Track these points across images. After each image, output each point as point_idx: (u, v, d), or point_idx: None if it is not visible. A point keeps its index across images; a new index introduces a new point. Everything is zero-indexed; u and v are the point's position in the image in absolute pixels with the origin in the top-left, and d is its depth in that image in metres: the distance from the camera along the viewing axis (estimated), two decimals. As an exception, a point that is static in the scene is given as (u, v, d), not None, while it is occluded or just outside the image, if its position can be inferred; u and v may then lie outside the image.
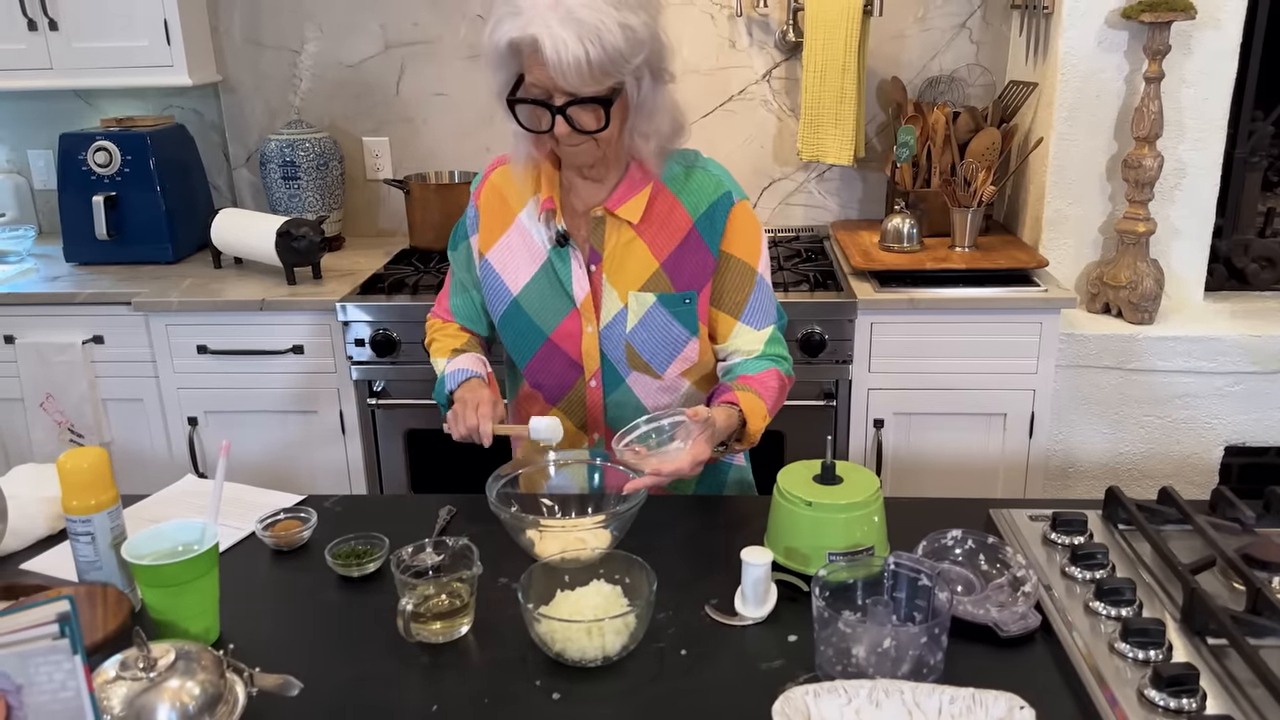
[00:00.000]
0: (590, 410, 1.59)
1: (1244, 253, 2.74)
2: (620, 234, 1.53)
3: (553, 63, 1.31)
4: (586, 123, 1.39)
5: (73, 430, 2.70)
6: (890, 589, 1.16)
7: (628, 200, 1.52)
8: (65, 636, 0.79)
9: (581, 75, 1.32)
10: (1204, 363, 2.48)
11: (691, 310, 1.55)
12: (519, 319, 1.57)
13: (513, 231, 1.58)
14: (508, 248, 1.58)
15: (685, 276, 1.54)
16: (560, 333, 1.55)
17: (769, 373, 1.54)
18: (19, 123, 3.18)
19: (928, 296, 2.42)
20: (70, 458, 1.20)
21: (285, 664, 1.13)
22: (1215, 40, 2.45)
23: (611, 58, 1.33)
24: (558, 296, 1.55)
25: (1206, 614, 1.12)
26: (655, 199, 1.54)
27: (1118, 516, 1.38)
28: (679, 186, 1.55)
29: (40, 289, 2.67)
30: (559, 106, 1.36)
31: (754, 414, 1.48)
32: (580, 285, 1.54)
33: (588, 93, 1.36)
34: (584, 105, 1.37)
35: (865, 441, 2.53)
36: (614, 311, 1.54)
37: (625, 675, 1.12)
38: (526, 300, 1.57)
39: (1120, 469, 2.59)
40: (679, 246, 1.54)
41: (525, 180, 1.56)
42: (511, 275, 1.58)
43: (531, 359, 1.58)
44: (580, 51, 1.30)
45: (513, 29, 1.34)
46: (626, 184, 1.52)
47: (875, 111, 2.96)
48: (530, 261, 1.57)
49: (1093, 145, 2.56)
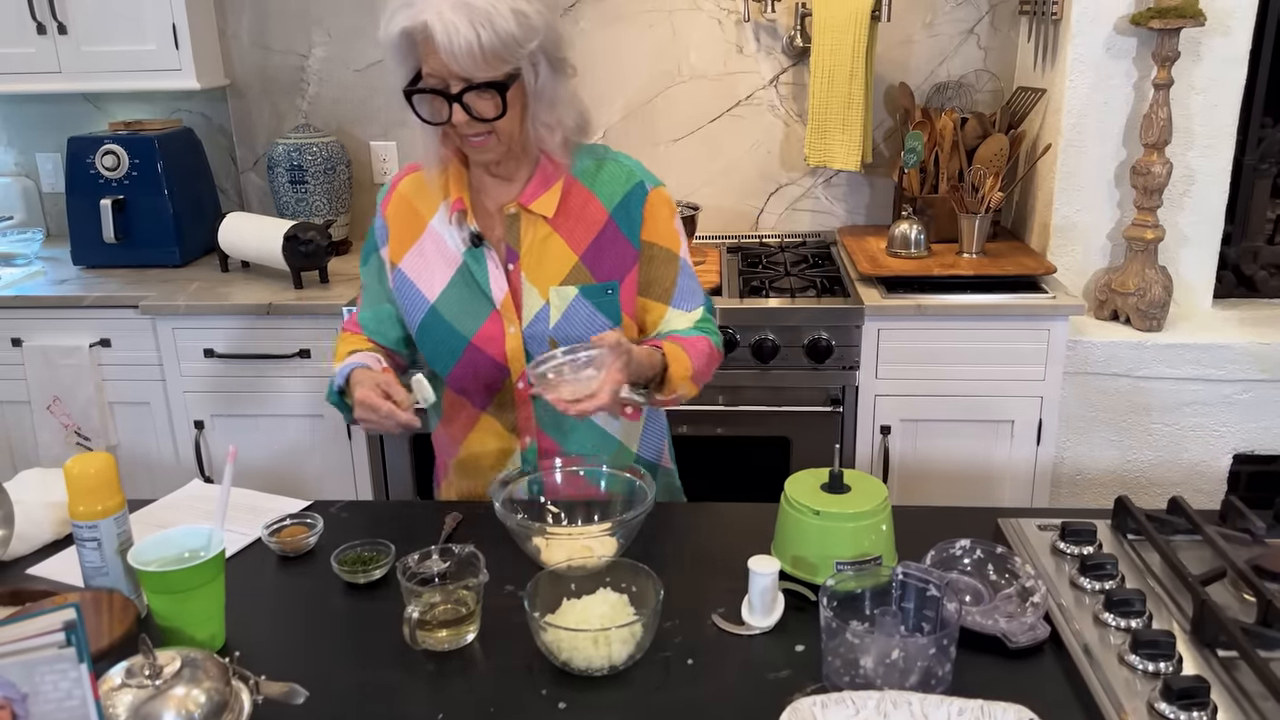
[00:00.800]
0: (520, 412, 1.57)
1: (1253, 260, 2.73)
2: (536, 230, 1.52)
3: (444, 47, 1.31)
4: (484, 110, 1.38)
5: (79, 433, 2.70)
6: (898, 599, 1.16)
7: (541, 195, 1.51)
8: (71, 645, 0.79)
9: (474, 59, 1.32)
10: (1212, 370, 2.47)
11: (614, 301, 1.54)
12: (438, 326, 1.55)
13: (425, 239, 1.56)
14: (421, 255, 1.56)
15: (605, 268, 1.53)
16: (482, 336, 1.53)
17: (699, 337, 1.55)
18: (27, 126, 3.19)
19: (935, 303, 2.41)
20: (77, 463, 1.20)
21: (290, 671, 1.13)
22: (1225, 47, 2.44)
23: (504, 41, 1.33)
24: (476, 299, 1.53)
25: (1217, 626, 1.11)
26: (569, 193, 1.52)
27: (1127, 526, 1.37)
28: (591, 179, 1.54)
29: (48, 292, 2.67)
30: (455, 94, 1.36)
31: (676, 360, 1.48)
32: (499, 286, 1.52)
33: (482, 78, 1.35)
34: (480, 91, 1.36)
35: (872, 448, 2.52)
36: (535, 309, 1.52)
37: (631, 684, 1.12)
38: (445, 306, 1.54)
39: (1128, 477, 2.58)
40: (596, 238, 1.53)
41: (435, 185, 1.54)
42: (427, 283, 1.55)
43: (455, 365, 1.55)
44: (472, 35, 1.30)
45: (405, 19, 1.34)
46: (538, 179, 1.51)
47: (883, 117, 2.96)
48: (445, 267, 1.54)
49: (1101, 152, 2.55)
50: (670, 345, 1.50)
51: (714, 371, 1.58)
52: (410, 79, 1.40)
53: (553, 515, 1.44)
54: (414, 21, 1.33)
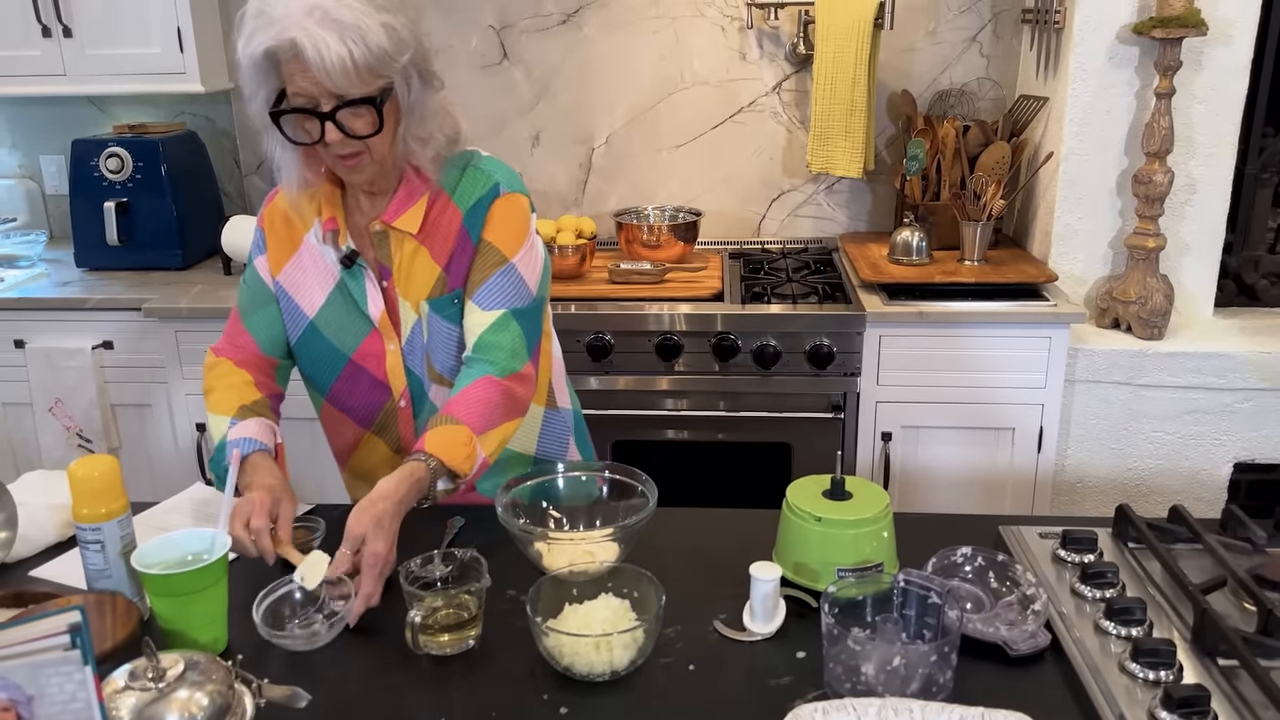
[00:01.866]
0: (404, 431, 1.55)
1: (1254, 269, 2.73)
2: (404, 246, 1.48)
3: (315, 64, 1.27)
4: (358, 127, 1.34)
5: (81, 435, 2.70)
6: (900, 606, 1.16)
7: (405, 211, 1.46)
8: (76, 647, 0.79)
9: (348, 75, 1.28)
10: (1213, 379, 2.47)
11: (459, 308, 1.50)
12: (317, 342, 1.52)
13: (303, 252, 1.52)
14: (299, 268, 1.52)
15: (457, 275, 1.49)
16: (362, 353, 1.50)
17: (475, 384, 1.41)
18: (32, 128, 3.20)
19: (936, 310, 2.41)
20: (81, 466, 1.20)
21: (292, 675, 1.13)
22: (1226, 56, 2.45)
23: (377, 56, 1.30)
24: (355, 318, 1.50)
25: (1217, 634, 1.12)
26: (433, 205, 1.48)
27: (1128, 535, 1.37)
28: (453, 186, 1.49)
29: (51, 294, 2.68)
30: (327, 112, 1.32)
31: (450, 445, 1.35)
32: (375, 303, 1.49)
33: (356, 94, 1.31)
34: (354, 108, 1.32)
35: (873, 454, 2.52)
36: (411, 324, 1.50)
37: (633, 690, 1.12)
38: (324, 323, 1.51)
39: (1129, 485, 2.58)
40: (455, 247, 1.49)
41: (301, 207, 1.51)
42: (306, 298, 1.52)
43: (335, 382, 1.53)
44: (344, 51, 1.27)
45: (267, 38, 1.28)
46: (403, 194, 1.47)
47: (885, 124, 2.96)
48: (323, 283, 1.51)
49: (1103, 160, 2.55)
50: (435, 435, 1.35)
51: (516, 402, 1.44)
52: (273, 100, 1.35)
53: (554, 520, 1.44)
54: (278, 40, 1.27)
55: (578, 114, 2.99)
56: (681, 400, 2.51)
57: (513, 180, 1.51)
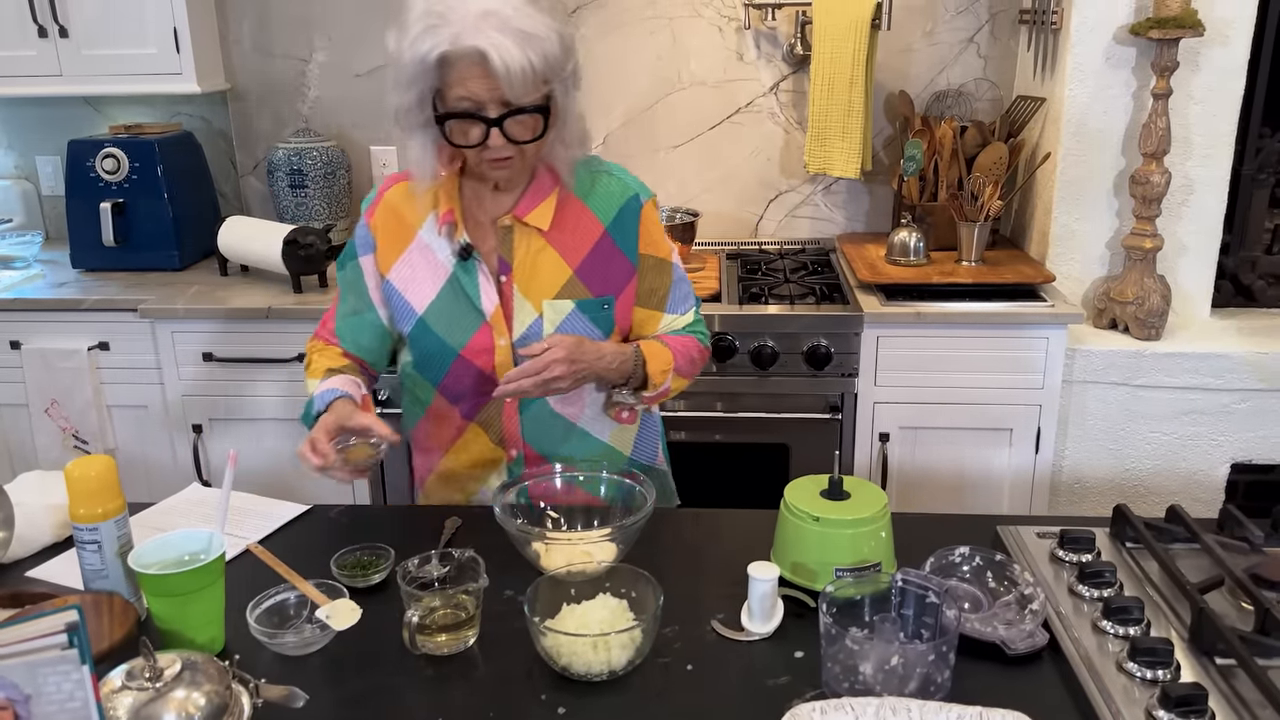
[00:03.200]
0: (508, 425, 1.56)
1: (1251, 269, 2.74)
2: (530, 243, 1.51)
3: (500, 73, 1.29)
4: (520, 133, 1.37)
5: (77, 436, 2.70)
6: (898, 606, 1.16)
7: (536, 207, 1.50)
8: (74, 646, 0.79)
9: (527, 85, 1.31)
10: (1210, 380, 2.48)
11: (610, 315, 1.54)
12: (427, 338, 1.53)
13: (413, 249, 1.54)
14: (409, 266, 1.54)
15: (600, 282, 1.53)
16: (472, 348, 1.52)
17: (685, 338, 1.60)
18: (27, 129, 3.19)
19: (934, 310, 2.42)
20: (78, 466, 1.20)
21: (289, 675, 1.13)
22: (1223, 57, 2.45)
23: (552, 65, 1.33)
24: (466, 312, 1.52)
25: (1215, 634, 1.12)
26: (562, 205, 1.52)
27: (1125, 534, 1.37)
28: (585, 192, 1.53)
29: (47, 295, 2.67)
30: (495, 119, 1.34)
31: (654, 356, 1.52)
32: (489, 298, 1.51)
33: (527, 102, 1.34)
34: (522, 115, 1.35)
35: (871, 455, 2.52)
36: (528, 322, 1.51)
37: (630, 690, 1.12)
38: (433, 318, 1.53)
39: (1126, 485, 2.58)
40: (591, 252, 1.53)
41: (424, 197, 1.53)
42: (415, 294, 1.53)
43: (444, 377, 1.54)
44: (525, 61, 1.29)
45: (442, 42, 1.30)
46: (533, 191, 1.50)
47: (882, 125, 2.96)
48: (434, 278, 1.53)
49: (1100, 161, 2.56)
50: (646, 342, 1.54)
51: (700, 368, 1.63)
52: (427, 99, 1.37)
53: (552, 520, 1.44)
54: (457, 45, 1.29)
55: (575, 115, 2.98)
56: (679, 401, 2.51)
57: (641, 185, 1.58)
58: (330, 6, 2.98)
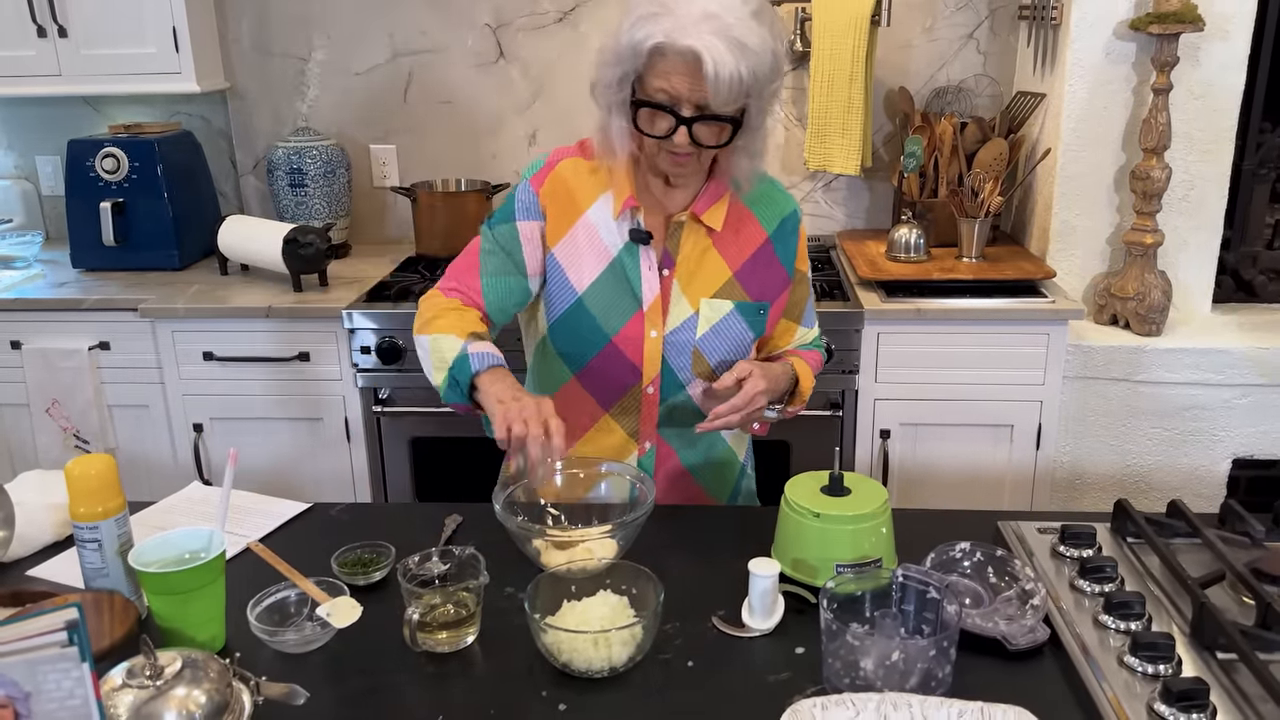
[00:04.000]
0: (645, 417, 1.56)
1: (1252, 265, 2.74)
2: (697, 241, 1.52)
3: (710, 79, 1.30)
4: (706, 138, 1.38)
5: (78, 436, 2.70)
6: (898, 601, 1.16)
7: (711, 207, 1.52)
8: (73, 644, 0.79)
9: (732, 94, 1.32)
10: (1211, 375, 2.47)
11: (764, 321, 1.57)
12: (582, 319, 1.51)
13: (579, 228, 1.52)
14: (573, 243, 1.52)
15: (757, 287, 1.55)
16: (624, 335, 1.51)
17: (813, 352, 1.69)
18: (27, 129, 3.19)
19: (935, 307, 2.41)
20: (78, 464, 1.20)
21: (290, 672, 1.13)
22: (1223, 52, 2.45)
23: (760, 81, 1.34)
24: (624, 298, 1.51)
25: (1216, 628, 1.12)
26: (730, 209, 1.54)
27: (1126, 529, 1.37)
28: (751, 198, 1.56)
29: (47, 295, 2.67)
30: (688, 118, 1.36)
31: (805, 375, 1.59)
32: (650, 288, 1.51)
33: (723, 110, 1.35)
34: (714, 121, 1.37)
35: (872, 452, 2.52)
36: (683, 317, 1.51)
37: (631, 686, 1.12)
38: (592, 300, 1.51)
39: (1127, 481, 2.58)
40: (752, 258, 1.55)
41: (596, 176, 1.53)
42: (576, 273, 1.51)
43: (591, 360, 1.52)
44: (736, 71, 1.30)
45: (660, 33, 1.31)
46: (711, 191, 1.52)
47: (882, 121, 2.96)
48: (596, 260, 1.51)
49: (1100, 156, 2.55)
50: (798, 361, 1.59)
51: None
52: (628, 80, 1.38)
53: (553, 517, 1.44)
54: (673, 41, 1.30)
55: (575, 112, 2.98)
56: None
57: (797, 202, 1.63)
58: (329, 5, 2.98)
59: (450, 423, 2.43)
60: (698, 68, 1.30)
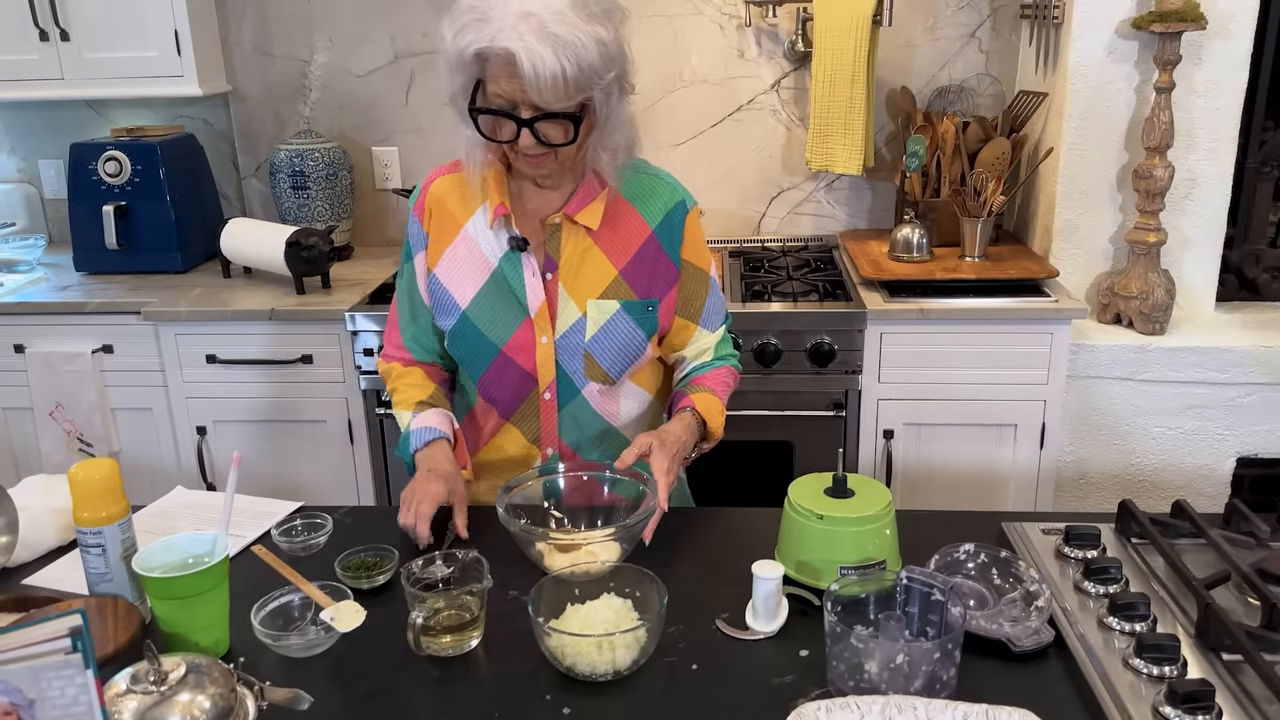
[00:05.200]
0: (544, 423, 1.56)
1: (1255, 263, 2.73)
2: (577, 241, 1.51)
3: (529, 78, 1.28)
4: (554, 136, 1.37)
5: (81, 439, 2.70)
6: (903, 603, 1.16)
7: (586, 206, 1.50)
8: (77, 650, 0.78)
9: (557, 92, 1.30)
10: (1215, 374, 2.47)
11: (654, 318, 1.55)
12: (468, 333, 1.53)
13: (459, 242, 1.53)
14: (454, 259, 1.53)
15: (644, 284, 1.53)
16: (513, 345, 1.51)
17: (721, 369, 1.61)
18: (29, 132, 3.20)
19: (938, 307, 2.41)
20: (81, 469, 1.20)
21: (294, 677, 1.13)
22: (1226, 50, 2.44)
23: (586, 74, 1.31)
24: (509, 307, 1.51)
25: (1221, 629, 1.11)
26: (610, 206, 1.52)
27: (1131, 530, 1.37)
28: (633, 194, 1.54)
29: (50, 298, 2.67)
30: (526, 120, 1.34)
31: (711, 412, 1.54)
32: (535, 294, 1.51)
33: (559, 108, 1.34)
34: (553, 120, 1.35)
35: (875, 452, 2.52)
36: (571, 320, 1.51)
37: (636, 689, 1.12)
38: (476, 313, 1.52)
39: (1131, 480, 2.57)
40: (637, 254, 1.53)
41: (475, 188, 1.52)
42: (459, 288, 1.53)
43: (484, 373, 1.54)
44: (557, 68, 1.28)
45: (480, 39, 1.30)
46: (584, 191, 1.51)
47: (884, 121, 2.96)
48: (478, 272, 1.52)
49: (1103, 155, 2.55)
50: (702, 398, 1.54)
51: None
52: (470, 89, 1.37)
53: (555, 520, 1.43)
54: (492, 45, 1.29)
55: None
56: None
57: (687, 193, 1.59)
58: (330, 8, 2.98)
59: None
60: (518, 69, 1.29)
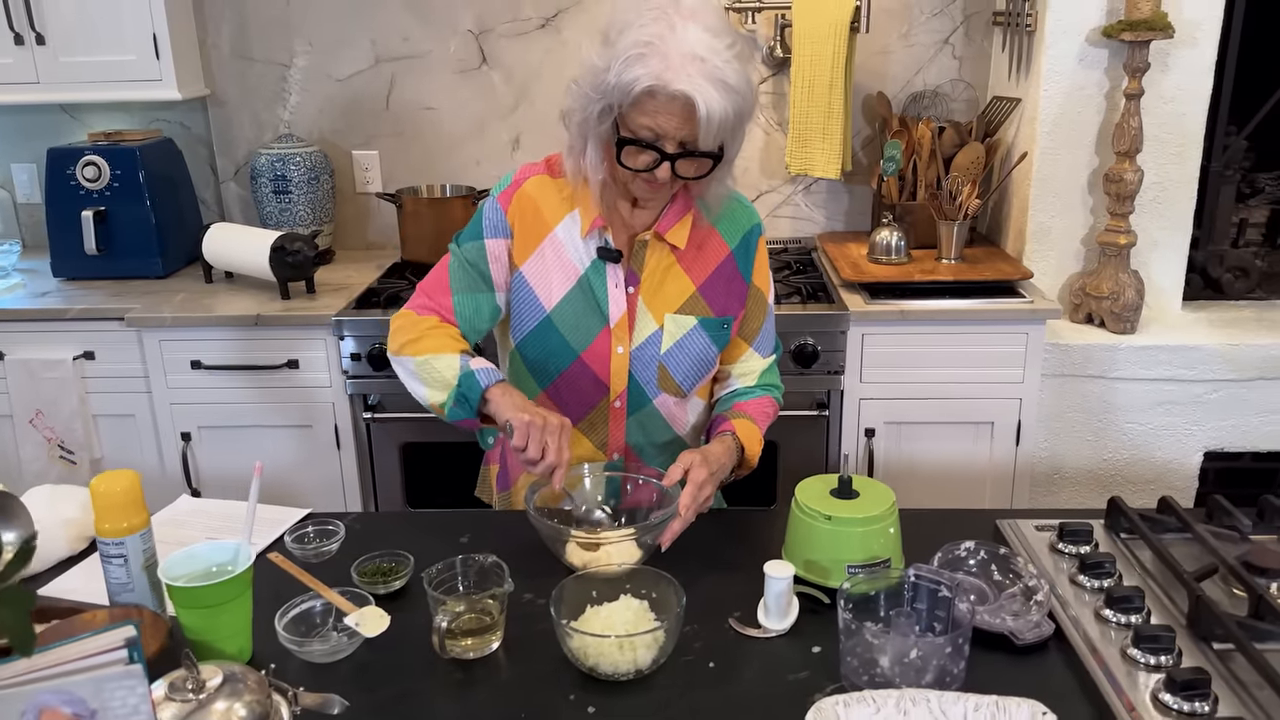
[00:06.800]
0: (612, 430, 1.59)
1: (1219, 263, 2.82)
2: (660, 258, 1.56)
3: (702, 122, 1.34)
4: (690, 171, 1.43)
5: (62, 447, 2.68)
6: (910, 600, 1.20)
7: (675, 225, 1.55)
8: (135, 661, 0.80)
9: (723, 134, 1.37)
10: (1183, 371, 2.55)
11: (728, 334, 1.60)
12: (550, 336, 1.55)
13: (546, 246, 1.55)
14: (541, 261, 1.55)
15: (721, 301, 1.58)
16: (591, 352, 1.55)
17: (764, 399, 1.64)
18: (3, 137, 3.15)
19: (918, 308, 2.47)
20: (103, 481, 1.21)
21: (319, 683, 1.15)
22: (1192, 58, 2.52)
23: (743, 120, 1.39)
24: (591, 315, 1.55)
25: (1213, 620, 1.17)
26: (694, 225, 1.57)
27: (1120, 526, 1.42)
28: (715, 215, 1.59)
29: (29, 304, 2.65)
30: (672, 154, 1.39)
31: (751, 440, 1.56)
32: (617, 305, 1.54)
33: (706, 148, 1.39)
34: (693, 157, 1.40)
35: (856, 450, 2.57)
36: (648, 333, 1.55)
37: (657, 688, 1.15)
38: (560, 317, 1.54)
39: (1104, 475, 2.65)
40: (715, 272, 1.58)
41: (562, 194, 1.56)
42: (545, 291, 1.55)
43: (558, 377, 1.56)
44: (726, 113, 1.34)
45: (650, 76, 1.33)
46: (674, 210, 1.55)
47: (861, 126, 3.01)
48: (564, 277, 1.55)
49: (1075, 159, 2.62)
50: (741, 424, 1.56)
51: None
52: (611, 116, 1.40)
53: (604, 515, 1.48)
54: (665, 85, 1.32)
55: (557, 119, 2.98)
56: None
57: (760, 217, 1.65)
58: (310, 11, 2.98)
59: (440, 428, 2.43)
60: (689, 110, 1.34)
